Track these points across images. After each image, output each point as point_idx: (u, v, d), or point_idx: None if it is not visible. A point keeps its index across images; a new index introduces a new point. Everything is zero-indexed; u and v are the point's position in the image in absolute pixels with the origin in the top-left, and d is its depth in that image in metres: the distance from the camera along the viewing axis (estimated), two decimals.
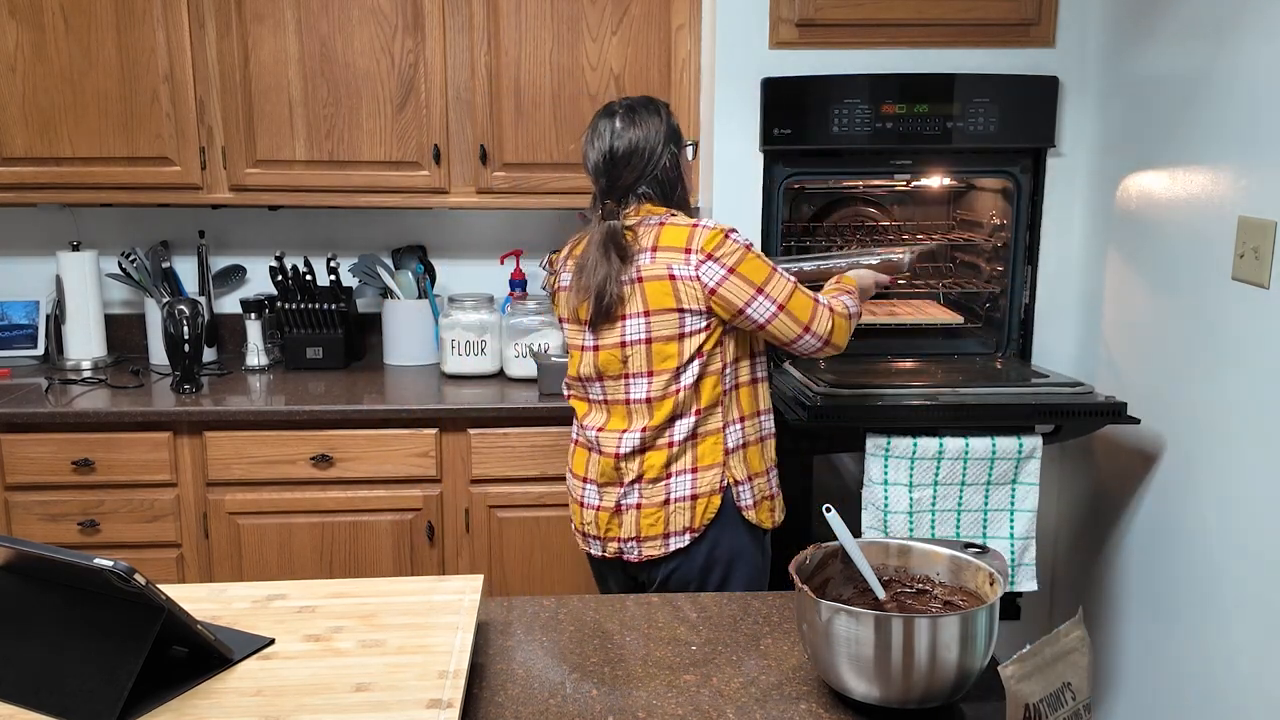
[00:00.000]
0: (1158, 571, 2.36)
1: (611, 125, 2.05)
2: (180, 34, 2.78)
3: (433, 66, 2.82)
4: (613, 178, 2.06)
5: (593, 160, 2.08)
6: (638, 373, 2.03)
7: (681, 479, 2.04)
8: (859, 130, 2.61)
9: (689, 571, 2.07)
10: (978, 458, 2.25)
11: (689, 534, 2.04)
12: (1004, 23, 2.62)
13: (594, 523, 2.12)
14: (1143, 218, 2.43)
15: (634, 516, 2.06)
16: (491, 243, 3.26)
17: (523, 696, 1.35)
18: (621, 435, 2.06)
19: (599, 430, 2.09)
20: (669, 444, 2.03)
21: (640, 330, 2.01)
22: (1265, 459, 1.96)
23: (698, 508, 2.03)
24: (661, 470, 2.04)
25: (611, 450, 2.07)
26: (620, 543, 2.09)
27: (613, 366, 2.05)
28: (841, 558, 1.44)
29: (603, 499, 2.09)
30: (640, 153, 2.04)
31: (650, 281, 1.99)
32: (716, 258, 1.96)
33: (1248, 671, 2.02)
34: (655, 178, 2.06)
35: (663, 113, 2.08)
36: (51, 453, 2.67)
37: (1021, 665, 1.15)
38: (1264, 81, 1.96)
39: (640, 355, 2.02)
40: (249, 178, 2.87)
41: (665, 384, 2.01)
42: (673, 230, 2.00)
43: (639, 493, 2.06)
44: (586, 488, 2.12)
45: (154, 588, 1.21)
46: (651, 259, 2.00)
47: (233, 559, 2.74)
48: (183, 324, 2.78)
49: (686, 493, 2.03)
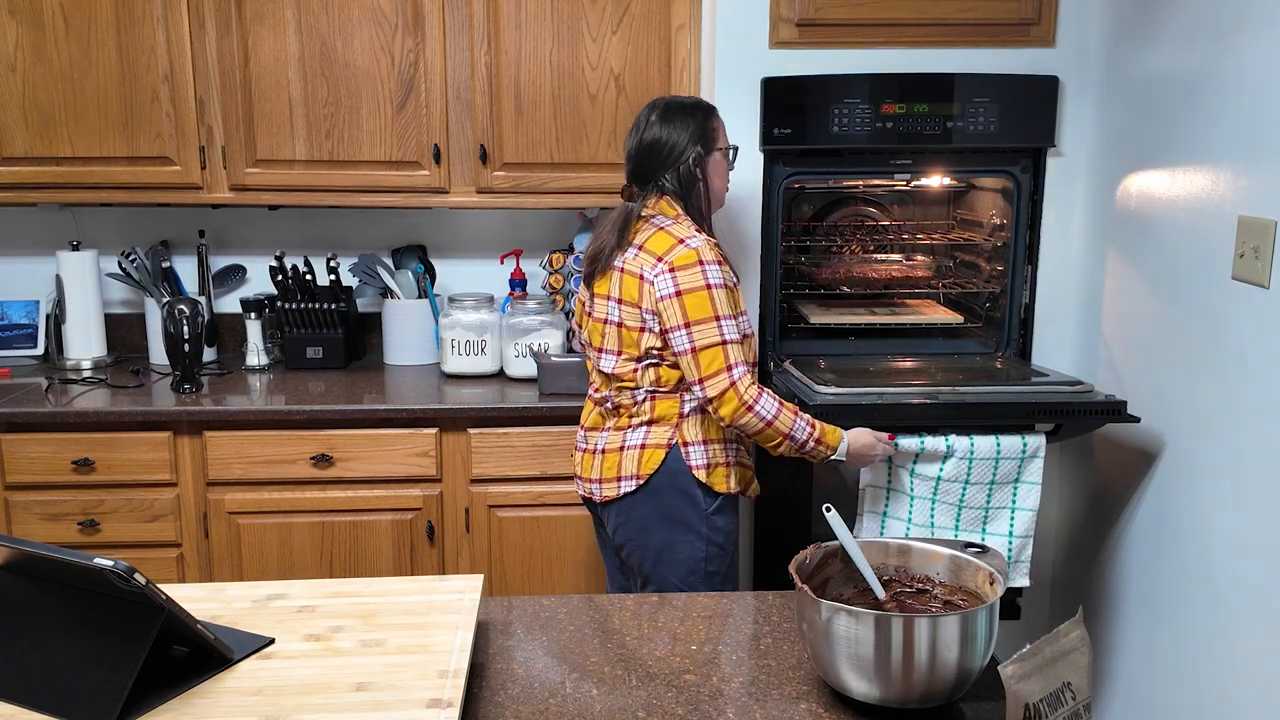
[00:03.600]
0: (1157, 571, 2.36)
1: (647, 118, 2.21)
2: (180, 34, 2.78)
3: (433, 66, 2.82)
4: (635, 166, 2.22)
5: (627, 147, 2.24)
6: (609, 350, 2.21)
7: (638, 431, 2.21)
8: (859, 130, 2.61)
9: (632, 527, 2.23)
10: (983, 457, 2.26)
11: (635, 480, 2.20)
12: (1004, 22, 2.62)
13: (580, 464, 2.33)
14: (1143, 218, 2.43)
15: (599, 459, 2.26)
16: (491, 242, 3.26)
17: (523, 696, 1.35)
18: (601, 393, 2.27)
19: (593, 387, 2.32)
20: (634, 401, 2.21)
21: (615, 313, 2.19)
22: (1265, 459, 1.96)
23: (644, 456, 2.19)
24: (626, 420, 2.23)
25: (601, 404, 2.28)
26: (590, 483, 2.29)
27: (594, 338, 2.25)
28: (841, 557, 1.44)
29: (588, 443, 2.31)
30: (661, 149, 2.18)
31: (627, 275, 2.16)
32: (675, 276, 2.09)
33: (1247, 671, 2.03)
34: (675, 175, 2.19)
35: (698, 116, 2.21)
36: (51, 452, 2.67)
37: (1021, 665, 1.15)
38: (1264, 81, 1.96)
39: (613, 335, 2.20)
40: (249, 177, 2.87)
41: (627, 363, 2.19)
42: (661, 237, 2.14)
43: (605, 439, 2.26)
44: (582, 434, 2.35)
45: (154, 587, 1.21)
46: (635, 255, 2.16)
47: (233, 559, 2.74)
48: (183, 324, 2.78)
49: (639, 442, 2.20)
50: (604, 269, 2.21)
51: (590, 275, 2.26)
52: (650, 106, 2.23)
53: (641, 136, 2.20)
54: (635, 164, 2.22)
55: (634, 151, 2.21)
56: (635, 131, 2.22)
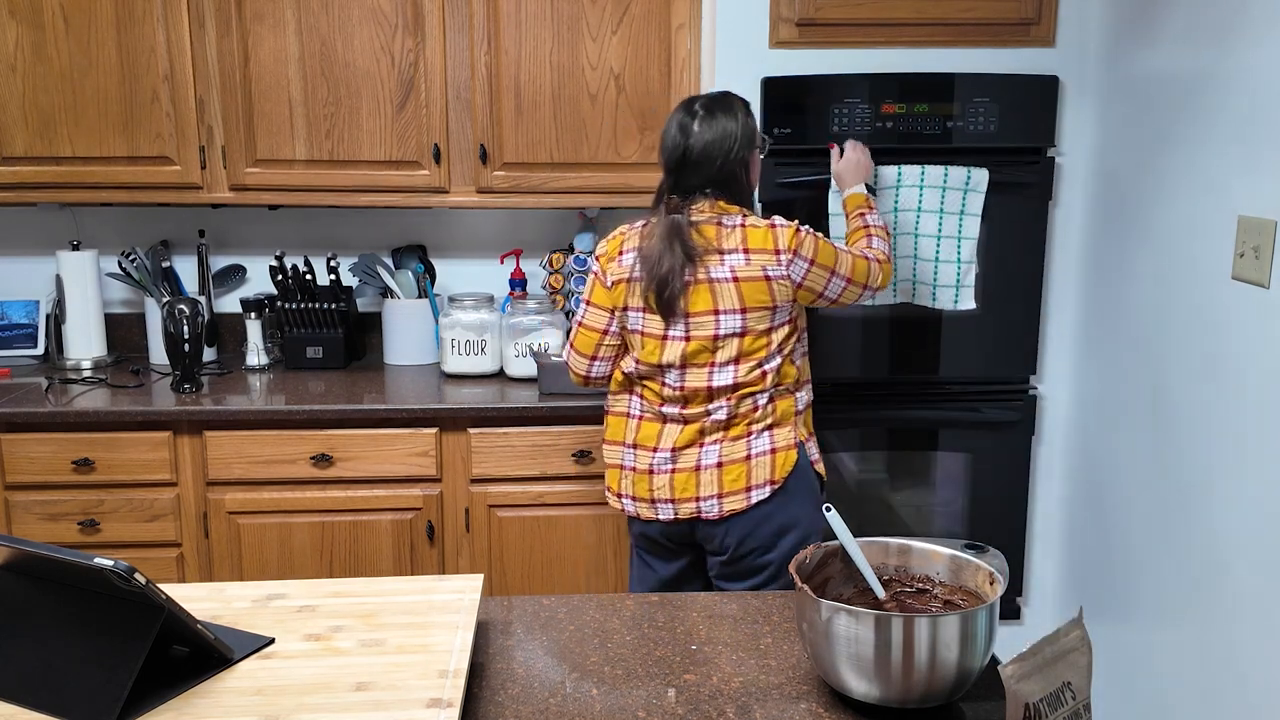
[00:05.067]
0: (1157, 571, 2.36)
1: (690, 125, 2.15)
2: (180, 33, 2.78)
3: (433, 66, 2.82)
4: (682, 176, 2.17)
5: (667, 155, 2.19)
6: (724, 362, 2.16)
7: (761, 437, 2.19)
8: (859, 130, 2.61)
9: (764, 534, 2.19)
10: (932, 185, 2.53)
11: (769, 485, 2.17)
12: (1004, 22, 2.62)
13: (667, 486, 2.21)
14: (1143, 217, 2.43)
15: (712, 475, 2.18)
16: (491, 242, 3.26)
17: (523, 696, 1.35)
18: (699, 408, 2.19)
19: (681, 408, 2.20)
20: (753, 408, 2.18)
21: (734, 324, 2.14)
22: (1265, 459, 1.96)
23: (776, 460, 2.18)
24: (744, 429, 2.18)
25: (697, 421, 2.19)
26: (692, 503, 2.20)
27: (701, 356, 2.17)
28: (841, 557, 1.44)
29: (676, 462, 2.20)
30: (713, 157, 2.15)
31: (746, 282, 2.13)
32: (801, 254, 2.14)
33: (1248, 671, 2.02)
34: (724, 179, 2.17)
35: (740, 115, 2.17)
36: (51, 452, 2.67)
37: (1021, 665, 1.14)
38: (1264, 81, 1.96)
39: (732, 346, 2.15)
40: (249, 177, 2.87)
41: (753, 370, 2.16)
42: (756, 233, 2.14)
43: (719, 452, 2.18)
44: (657, 455, 2.22)
45: (154, 587, 1.21)
46: (746, 261, 2.13)
47: (233, 558, 2.74)
48: (183, 323, 2.78)
49: (766, 448, 2.18)
50: (682, 288, 2.13)
51: (665, 300, 2.14)
52: (687, 112, 2.17)
53: (688, 144, 2.14)
54: (678, 174, 2.16)
55: (676, 161, 2.16)
56: (674, 137, 2.16)
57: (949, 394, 2.80)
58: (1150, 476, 2.39)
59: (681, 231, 2.13)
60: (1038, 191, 2.69)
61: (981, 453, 2.82)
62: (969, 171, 2.54)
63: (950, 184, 2.55)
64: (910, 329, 2.77)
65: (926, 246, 2.59)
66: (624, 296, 2.22)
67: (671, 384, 2.20)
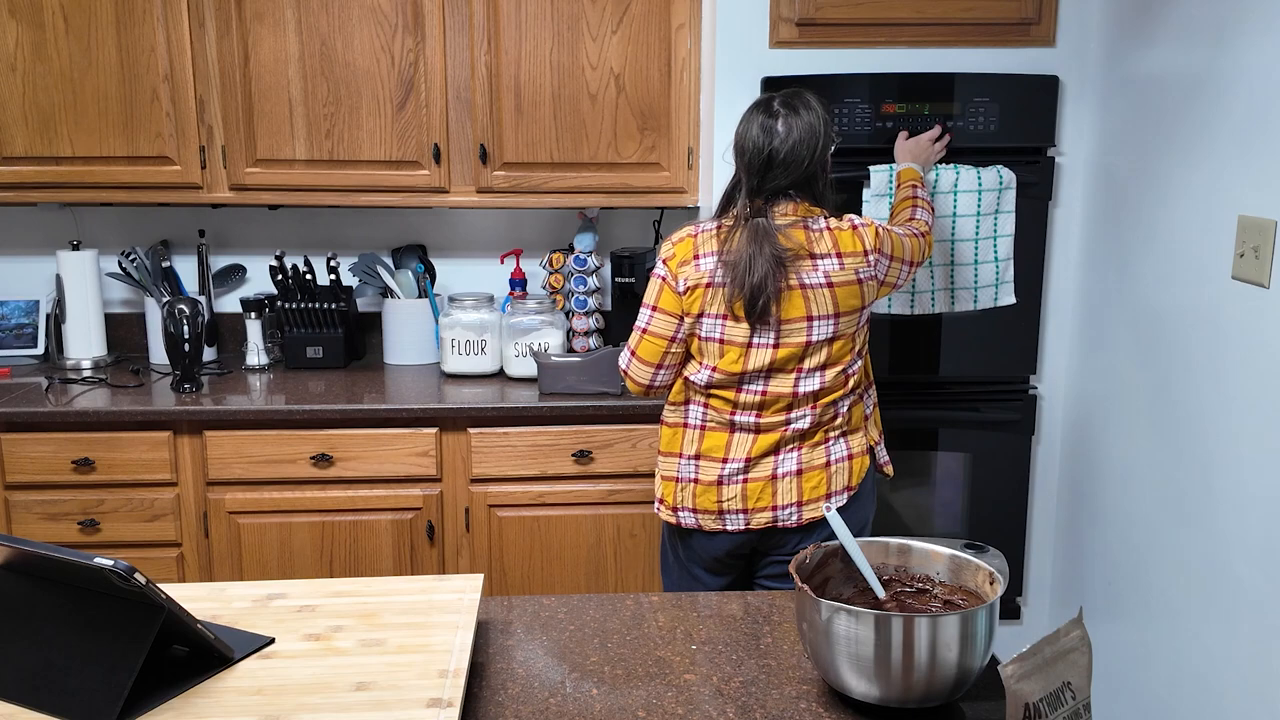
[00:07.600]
0: (1157, 571, 2.36)
1: (773, 125, 2.07)
2: (180, 33, 2.78)
3: (433, 66, 2.82)
4: (767, 178, 2.09)
5: (748, 158, 2.09)
6: (812, 368, 2.10)
7: (838, 443, 2.17)
8: (859, 129, 2.61)
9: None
10: (966, 189, 2.57)
11: (847, 492, 2.17)
12: (1004, 22, 2.62)
13: (739, 496, 2.14)
14: (1143, 217, 2.43)
15: (792, 483, 2.13)
16: (491, 242, 3.26)
17: (523, 696, 1.35)
18: (777, 417, 2.12)
19: (756, 416, 2.12)
20: (834, 415, 2.15)
21: (826, 329, 2.09)
22: (1265, 459, 1.96)
23: (854, 466, 2.18)
24: (823, 436, 2.15)
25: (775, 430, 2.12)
26: (772, 511, 2.14)
27: (789, 364, 2.10)
28: (841, 557, 1.45)
29: (750, 471, 2.13)
30: (801, 158, 2.07)
31: (841, 286, 2.08)
32: (884, 251, 2.13)
33: (1247, 671, 2.03)
34: (807, 179, 2.10)
35: (820, 111, 2.10)
36: (51, 452, 2.67)
37: (1021, 665, 1.14)
38: (1264, 81, 1.96)
39: (822, 353, 2.10)
40: (249, 177, 2.87)
41: (838, 375, 2.13)
42: (844, 235, 2.09)
43: (798, 459, 2.14)
44: (728, 466, 2.14)
45: (154, 587, 1.21)
46: (840, 265, 2.07)
47: (233, 558, 2.74)
48: (183, 323, 2.78)
49: (844, 453, 2.17)
50: (774, 295, 2.03)
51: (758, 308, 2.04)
52: (766, 113, 2.08)
53: (773, 147, 2.05)
54: (761, 177, 2.08)
55: (759, 164, 2.07)
56: (756, 139, 2.07)
57: (949, 394, 2.81)
58: (1150, 476, 2.39)
59: (770, 236, 2.03)
60: (1038, 191, 2.69)
61: (981, 453, 2.83)
62: (999, 171, 2.58)
63: (985, 186, 2.58)
64: (910, 329, 2.77)
65: (964, 251, 2.62)
66: (700, 303, 2.09)
67: (751, 391, 2.11)
